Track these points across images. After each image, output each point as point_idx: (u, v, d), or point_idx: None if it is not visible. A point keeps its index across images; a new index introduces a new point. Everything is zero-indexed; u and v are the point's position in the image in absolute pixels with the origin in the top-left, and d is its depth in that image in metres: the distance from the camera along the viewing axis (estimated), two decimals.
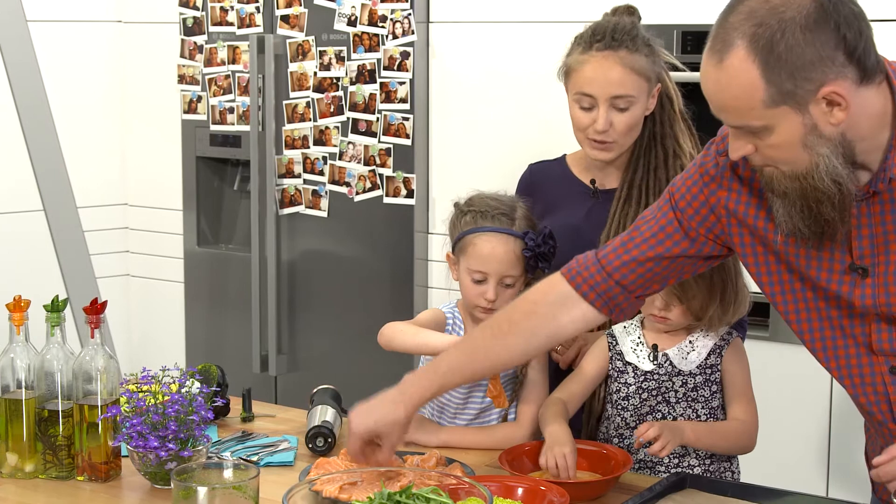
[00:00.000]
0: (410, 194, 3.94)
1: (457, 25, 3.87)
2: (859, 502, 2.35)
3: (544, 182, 2.74)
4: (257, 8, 4.19)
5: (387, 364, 3.82)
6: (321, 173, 4.11)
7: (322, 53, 4.06)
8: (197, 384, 2.37)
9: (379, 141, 3.98)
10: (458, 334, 2.56)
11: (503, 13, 3.79)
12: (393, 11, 3.89)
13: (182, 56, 4.41)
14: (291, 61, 4.13)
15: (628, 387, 2.43)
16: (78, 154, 4.47)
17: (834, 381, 3.29)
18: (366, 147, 4.00)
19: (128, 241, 4.69)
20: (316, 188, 4.13)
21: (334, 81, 4.05)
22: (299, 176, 4.17)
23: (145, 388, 2.32)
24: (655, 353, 2.41)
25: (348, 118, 4.04)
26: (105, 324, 2.36)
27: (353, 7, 3.97)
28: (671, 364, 2.41)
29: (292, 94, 4.14)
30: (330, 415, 2.50)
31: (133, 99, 4.61)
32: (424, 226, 3.97)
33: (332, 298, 4.15)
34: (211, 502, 1.94)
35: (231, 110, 4.32)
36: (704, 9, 3.46)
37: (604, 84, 2.53)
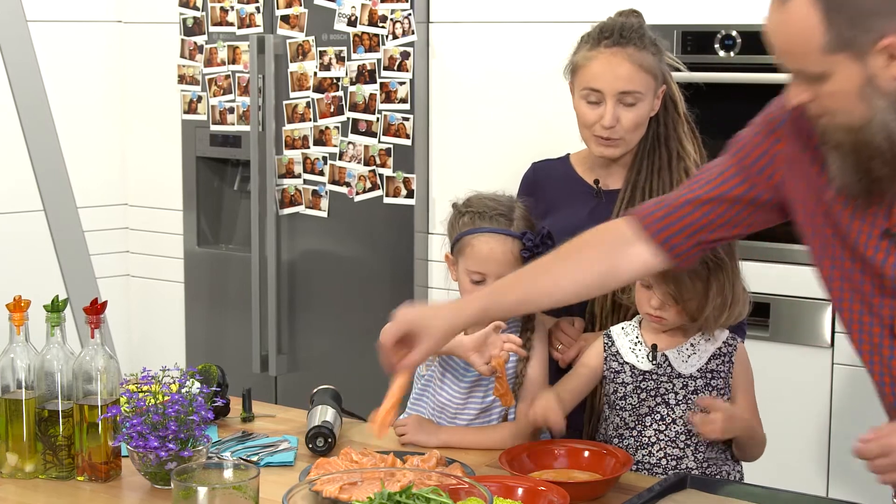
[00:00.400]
0: (410, 194, 3.94)
1: (457, 26, 3.87)
2: (859, 502, 2.35)
3: (547, 181, 2.74)
4: (257, 8, 4.19)
5: None
6: (321, 173, 4.12)
7: (322, 53, 4.06)
8: (197, 384, 2.37)
9: (379, 141, 3.98)
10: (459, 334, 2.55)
11: (503, 13, 3.79)
12: (393, 11, 3.89)
13: (182, 56, 4.41)
14: (291, 61, 4.13)
15: (625, 386, 2.43)
16: (78, 154, 4.47)
17: (834, 381, 3.29)
18: (366, 147, 4.00)
19: (128, 242, 4.69)
20: (316, 188, 4.13)
21: (334, 81, 4.05)
22: (299, 176, 4.17)
23: (145, 389, 2.32)
24: (654, 353, 2.41)
25: (348, 118, 4.04)
26: (105, 324, 2.36)
27: (353, 7, 3.97)
28: (670, 365, 2.41)
29: (292, 95, 4.14)
30: (330, 415, 2.50)
31: (133, 99, 4.62)
32: (424, 226, 3.97)
33: (333, 298, 4.15)
34: (211, 502, 1.94)
35: (231, 110, 4.32)
36: (705, 9, 3.48)
37: (612, 79, 2.54)
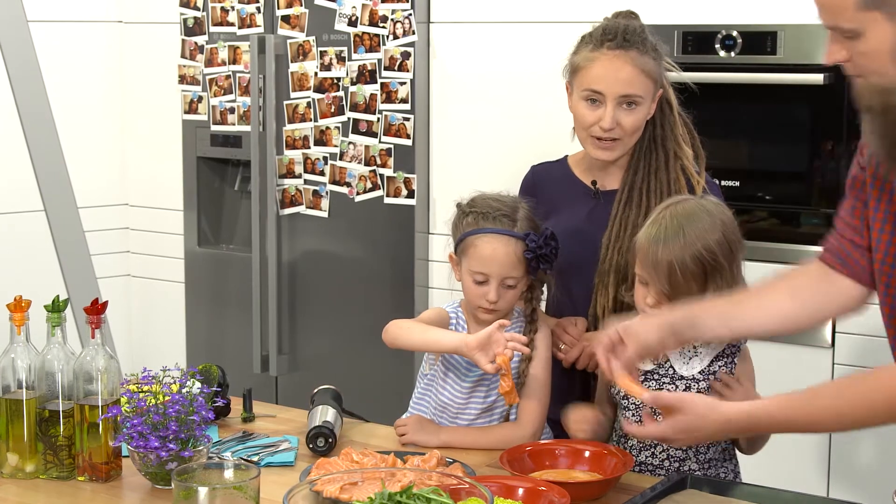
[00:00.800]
0: (411, 194, 3.94)
1: (457, 26, 3.87)
2: (860, 502, 2.35)
3: (546, 183, 2.75)
4: (258, 8, 4.19)
5: (388, 364, 3.83)
6: (322, 173, 4.12)
7: (323, 54, 4.06)
8: (198, 384, 2.37)
9: (379, 141, 3.98)
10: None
11: (504, 14, 3.79)
12: (393, 12, 3.89)
13: (183, 56, 4.41)
14: (292, 61, 4.13)
15: None
16: (78, 154, 4.47)
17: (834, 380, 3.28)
18: (366, 147, 4.00)
19: (128, 242, 4.69)
20: (316, 188, 4.13)
21: (335, 82, 4.05)
22: (300, 176, 4.17)
23: (146, 389, 2.32)
24: None
25: (349, 118, 4.04)
26: (106, 324, 2.36)
27: (354, 7, 3.97)
28: (672, 367, 2.40)
29: (293, 95, 4.14)
30: (331, 415, 2.50)
31: (134, 99, 4.62)
32: (425, 226, 3.97)
33: (333, 299, 4.15)
34: (212, 502, 1.94)
35: (232, 110, 4.32)
36: (705, 9, 3.47)
37: (613, 82, 2.54)
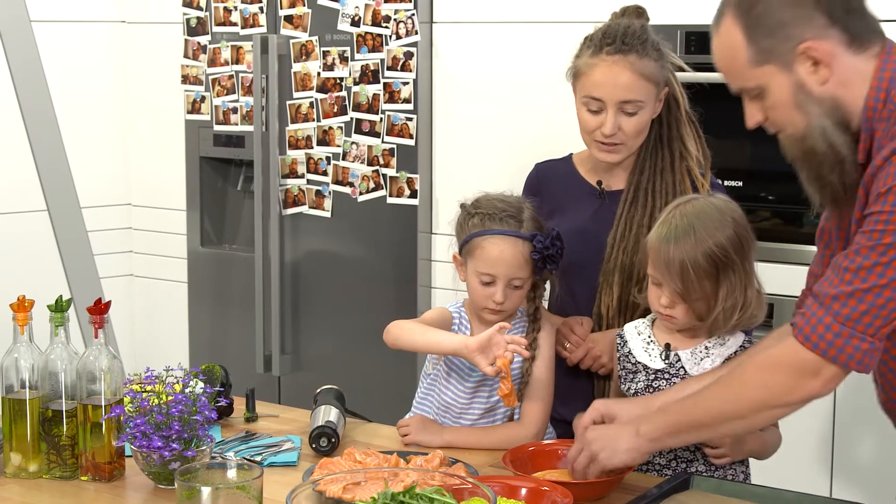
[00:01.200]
0: (414, 194, 3.94)
1: (460, 26, 3.87)
2: (863, 503, 2.35)
3: (551, 181, 2.74)
4: (261, 8, 4.19)
5: (390, 364, 3.83)
6: (325, 173, 4.12)
7: (325, 54, 4.06)
8: (200, 384, 2.37)
9: (382, 141, 3.98)
10: (465, 334, 2.55)
11: (507, 14, 3.78)
12: (396, 12, 3.89)
13: (186, 56, 4.41)
14: (295, 61, 4.13)
15: (637, 384, 2.43)
16: (81, 154, 4.47)
17: None
18: (369, 147, 4.00)
19: (131, 242, 4.69)
20: (319, 188, 4.13)
21: (338, 82, 4.05)
22: (303, 176, 4.17)
23: (149, 388, 2.33)
24: (668, 353, 2.41)
25: (352, 118, 4.04)
26: (109, 324, 2.36)
27: (357, 7, 3.97)
28: (682, 367, 2.40)
29: (296, 95, 4.14)
30: (333, 415, 2.50)
31: (136, 99, 4.62)
32: (428, 226, 3.97)
33: (336, 299, 4.15)
34: (215, 502, 1.94)
35: (234, 110, 4.32)
36: (708, 9, 3.46)
37: (612, 89, 2.53)
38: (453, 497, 1.89)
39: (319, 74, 4.08)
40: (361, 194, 4.04)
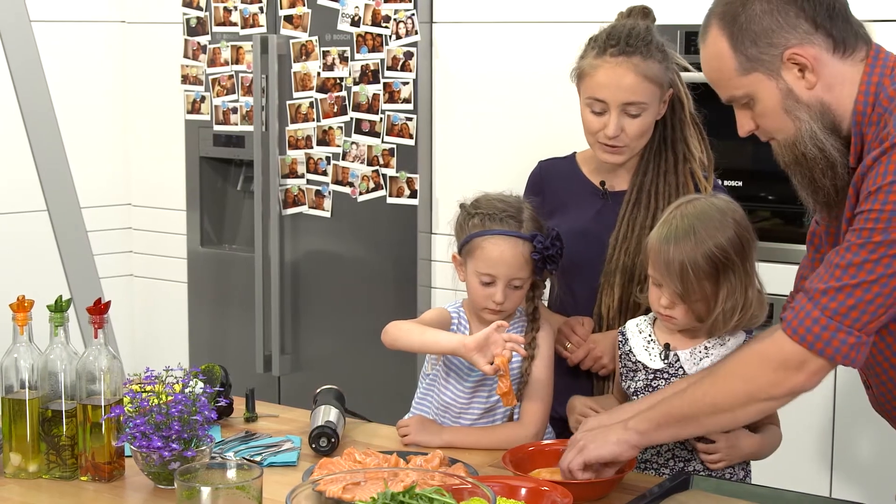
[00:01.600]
0: (414, 194, 3.94)
1: (460, 26, 3.87)
2: (863, 503, 2.35)
3: (554, 180, 2.74)
4: (261, 8, 4.19)
5: (390, 364, 3.83)
6: (324, 173, 4.11)
7: (325, 54, 4.06)
8: (200, 384, 2.37)
9: (382, 141, 3.98)
10: (464, 334, 2.55)
11: (507, 13, 3.78)
12: (396, 12, 3.89)
13: (185, 56, 4.41)
14: (295, 61, 4.13)
15: (636, 382, 2.43)
16: (81, 154, 4.47)
17: (837, 381, 3.29)
18: (369, 147, 4.00)
19: (131, 242, 4.69)
20: (319, 188, 4.13)
21: (338, 82, 4.05)
22: (302, 176, 4.17)
23: (149, 389, 2.33)
24: (667, 353, 2.40)
25: (352, 118, 4.04)
26: (108, 324, 2.36)
27: (357, 7, 3.97)
28: (682, 367, 2.40)
29: (296, 95, 4.14)
30: (333, 415, 2.50)
31: (136, 99, 4.62)
32: (428, 226, 3.97)
33: (336, 299, 4.15)
34: (214, 502, 1.94)
35: (234, 110, 4.32)
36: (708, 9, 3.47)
37: (616, 90, 2.53)
38: (453, 497, 1.89)
39: (319, 74, 4.08)
40: (361, 194, 4.04)
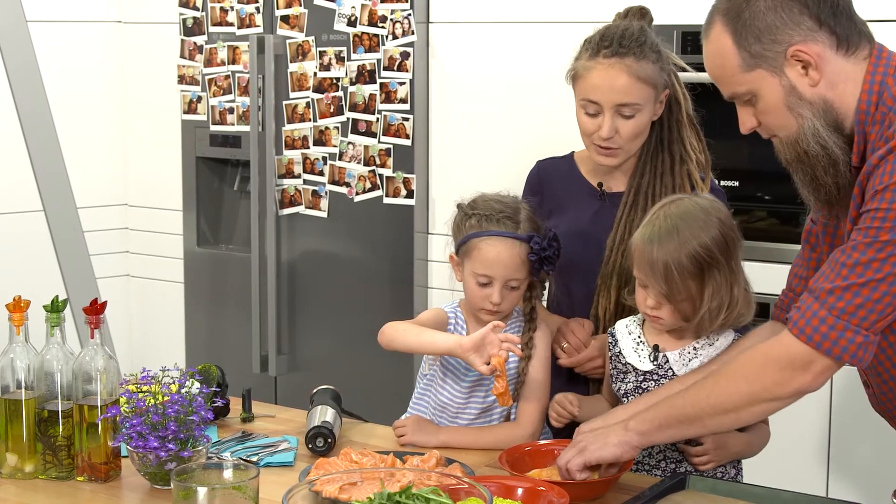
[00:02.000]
0: (410, 195, 3.94)
1: (457, 26, 3.87)
2: (859, 502, 2.35)
3: (552, 180, 2.73)
4: (257, 8, 4.19)
5: (387, 364, 3.83)
6: (321, 174, 4.11)
7: (322, 54, 4.06)
8: (197, 384, 2.37)
9: (379, 141, 3.98)
10: (461, 334, 2.55)
11: (503, 14, 3.79)
12: (393, 12, 3.89)
13: (182, 56, 4.41)
14: (291, 62, 4.13)
15: (626, 384, 2.43)
16: (78, 154, 4.47)
17: (834, 381, 3.29)
18: (366, 147, 4.00)
19: (128, 242, 4.69)
20: (316, 188, 4.13)
21: (334, 82, 4.05)
22: (299, 176, 4.17)
23: (145, 389, 2.32)
24: (656, 354, 2.41)
25: (348, 118, 4.04)
26: (105, 324, 2.36)
27: (353, 7, 3.97)
28: (671, 368, 2.40)
29: (292, 95, 4.14)
30: (330, 415, 2.50)
31: (133, 99, 4.62)
32: (424, 226, 3.97)
33: (332, 299, 4.15)
34: (211, 503, 1.94)
35: (231, 111, 4.32)
36: (705, 9, 3.46)
37: (609, 92, 2.52)
38: (449, 497, 1.89)
39: (316, 74, 4.08)
40: (358, 194, 4.04)
